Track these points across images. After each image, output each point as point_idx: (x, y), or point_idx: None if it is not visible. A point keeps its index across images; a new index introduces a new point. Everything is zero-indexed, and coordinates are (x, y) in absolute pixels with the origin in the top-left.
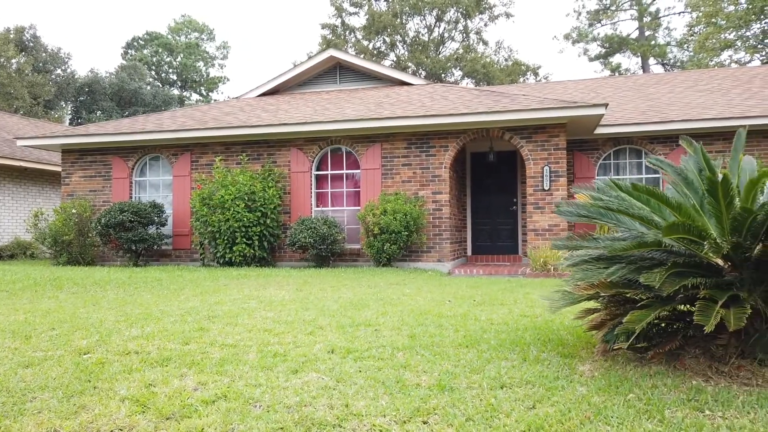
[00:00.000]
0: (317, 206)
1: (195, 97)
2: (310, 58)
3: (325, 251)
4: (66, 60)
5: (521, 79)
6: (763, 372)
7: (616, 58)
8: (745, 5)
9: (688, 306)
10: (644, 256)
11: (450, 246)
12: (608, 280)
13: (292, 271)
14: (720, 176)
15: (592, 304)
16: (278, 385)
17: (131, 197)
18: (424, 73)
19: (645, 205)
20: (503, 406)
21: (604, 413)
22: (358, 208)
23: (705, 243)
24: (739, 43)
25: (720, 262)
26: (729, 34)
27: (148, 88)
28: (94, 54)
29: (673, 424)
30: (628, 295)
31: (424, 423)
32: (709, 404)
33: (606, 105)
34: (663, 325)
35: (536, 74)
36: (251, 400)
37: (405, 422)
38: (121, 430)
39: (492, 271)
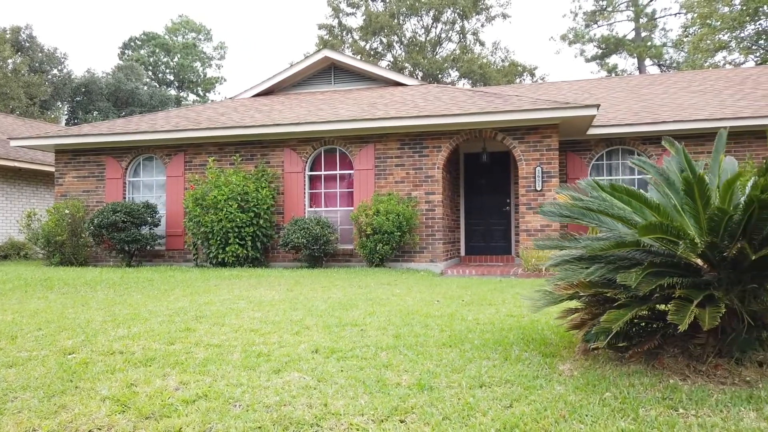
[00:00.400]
0: (310, 207)
1: (192, 97)
2: (305, 58)
3: (317, 252)
4: (62, 60)
5: (518, 80)
6: (739, 371)
7: (613, 59)
8: (739, 7)
9: (667, 306)
10: (624, 256)
11: (443, 246)
12: (587, 280)
13: (285, 272)
14: (699, 177)
15: (574, 304)
16: (259, 384)
17: (125, 198)
18: (421, 74)
19: (627, 206)
20: (481, 405)
21: (579, 412)
22: (352, 208)
23: (681, 243)
24: (733, 44)
25: (700, 262)
26: (723, 35)
27: (145, 88)
28: (90, 54)
29: (646, 422)
30: (607, 295)
31: (401, 422)
32: (683, 403)
33: (598, 106)
34: (643, 324)
35: (533, 75)
36: (231, 399)
37: (382, 421)
38: (99, 429)
39: (485, 271)
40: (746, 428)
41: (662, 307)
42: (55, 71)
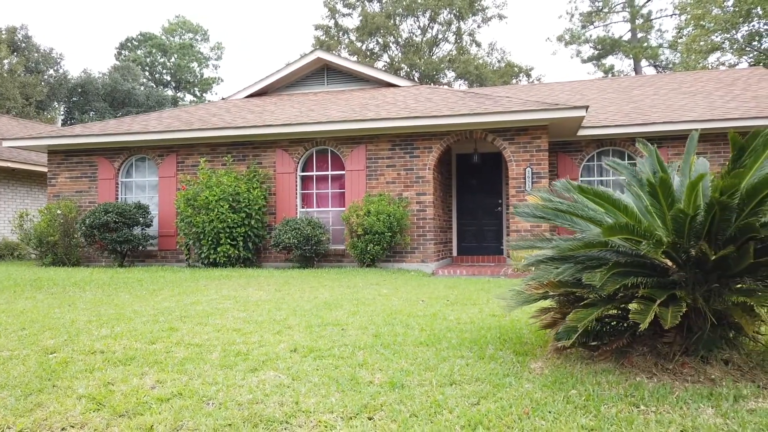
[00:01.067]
0: (302, 207)
1: (189, 98)
2: (298, 59)
3: (309, 252)
4: (58, 60)
5: (514, 81)
6: (705, 369)
7: (609, 60)
8: (731, 8)
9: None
10: (594, 256)
11: (434, 247)
12: (556, 280)
13: (275, 272)
14: (661, 178)
15: (548, 303)
16: (234, 383)
17: (117, 198)
18: (417, 75)
19: (599, 207)
20: (449, 403)
21: (543, 409)
22: (343, 209)
23: (643, 242)
24: (726, 45)
25: (669, 263)
26: (716, 37)
27: (142, 88)
28: (87, 54)
29: (606, 418)
30: (577, 294)
31: (370, 419)
32: (645, 400)
33: (586, 107)
34: (614, 323)
35: (529, 76)
36: (205, 397)
37: (351, 418)
38: (72, 426)
39: (475, 271)
40: (702, 424)
41: (636, 306)
42: (51, 71)
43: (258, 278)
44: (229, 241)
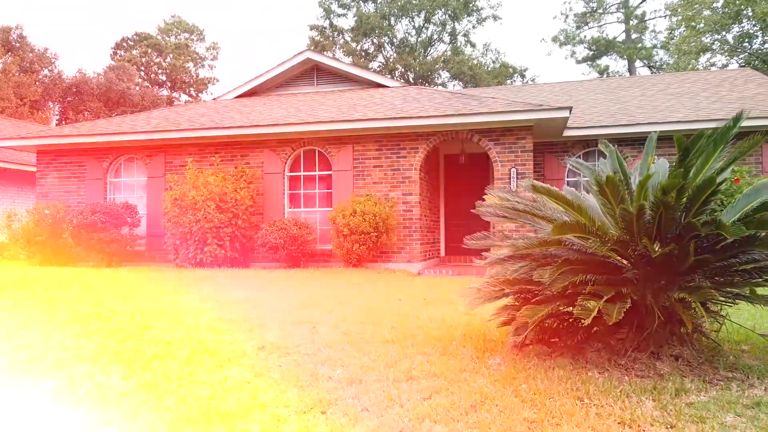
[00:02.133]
0: (290, 207)
1: (184, 98)
2: (288, 59)
3: (295, 252)
4: (53, 60)
5: (509, 82)
6: (655, 364)
7: (604, 61)
8: (720, 10)
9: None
10: (550, 254)
11: (420, 247)
12: (512, 277)
13: (261, 272)
14: (609, 178)
15: (509, 301)
16: (197, 379)
17: (106, 198)
18: (412, 75)
19: (558, 206)
20: (402, 397)
21: (490, 402)
22: (331, 209)
23: (590, 239)
24: (716, 46)
25: (625, 261)
26: (706, 38)
27: (137, 88)
28: (82, 54)
29: (549, 411)
30: (533, 291)
31: (322, 413)
32: (590, 394)
33: (570, 108)
34: (571, 320)
35: (523, 76)
36: (166, 393)
37: (305, 412)
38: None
39: (461, 271)
40: (640, 416)
41: (594, 303)
42: (45, 71)
43: (242, 278)
44: (216, 241)
